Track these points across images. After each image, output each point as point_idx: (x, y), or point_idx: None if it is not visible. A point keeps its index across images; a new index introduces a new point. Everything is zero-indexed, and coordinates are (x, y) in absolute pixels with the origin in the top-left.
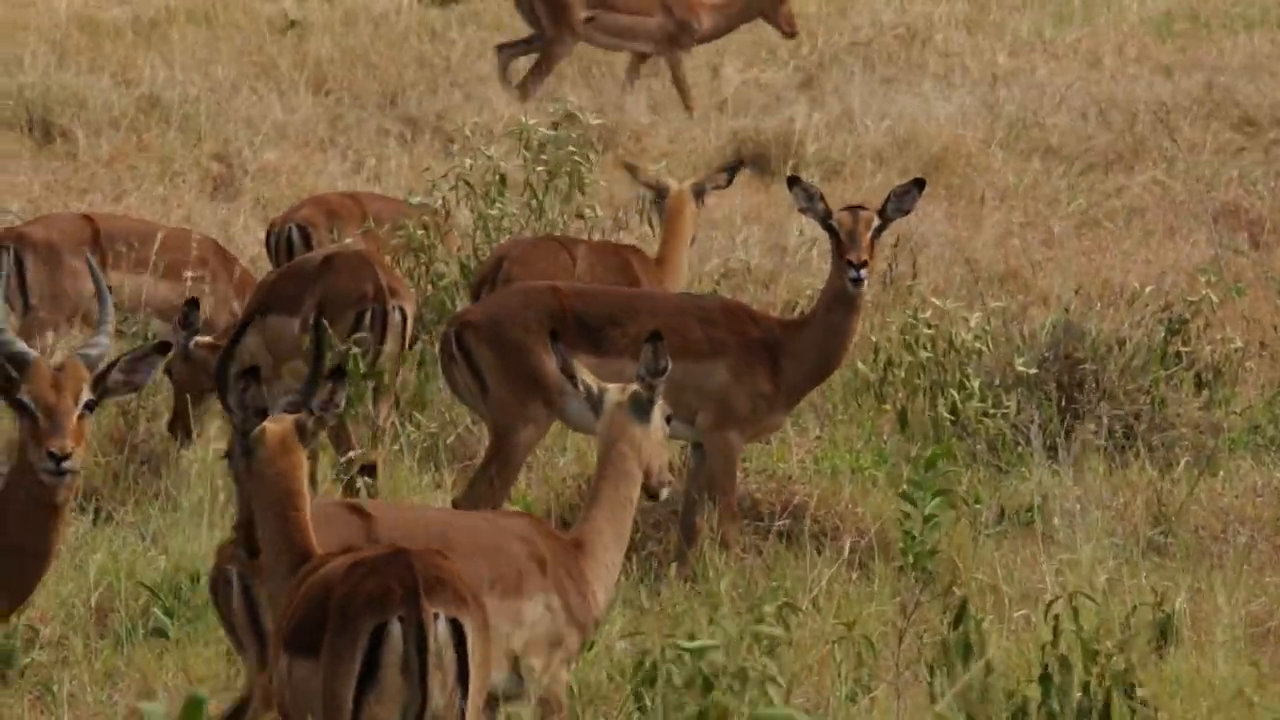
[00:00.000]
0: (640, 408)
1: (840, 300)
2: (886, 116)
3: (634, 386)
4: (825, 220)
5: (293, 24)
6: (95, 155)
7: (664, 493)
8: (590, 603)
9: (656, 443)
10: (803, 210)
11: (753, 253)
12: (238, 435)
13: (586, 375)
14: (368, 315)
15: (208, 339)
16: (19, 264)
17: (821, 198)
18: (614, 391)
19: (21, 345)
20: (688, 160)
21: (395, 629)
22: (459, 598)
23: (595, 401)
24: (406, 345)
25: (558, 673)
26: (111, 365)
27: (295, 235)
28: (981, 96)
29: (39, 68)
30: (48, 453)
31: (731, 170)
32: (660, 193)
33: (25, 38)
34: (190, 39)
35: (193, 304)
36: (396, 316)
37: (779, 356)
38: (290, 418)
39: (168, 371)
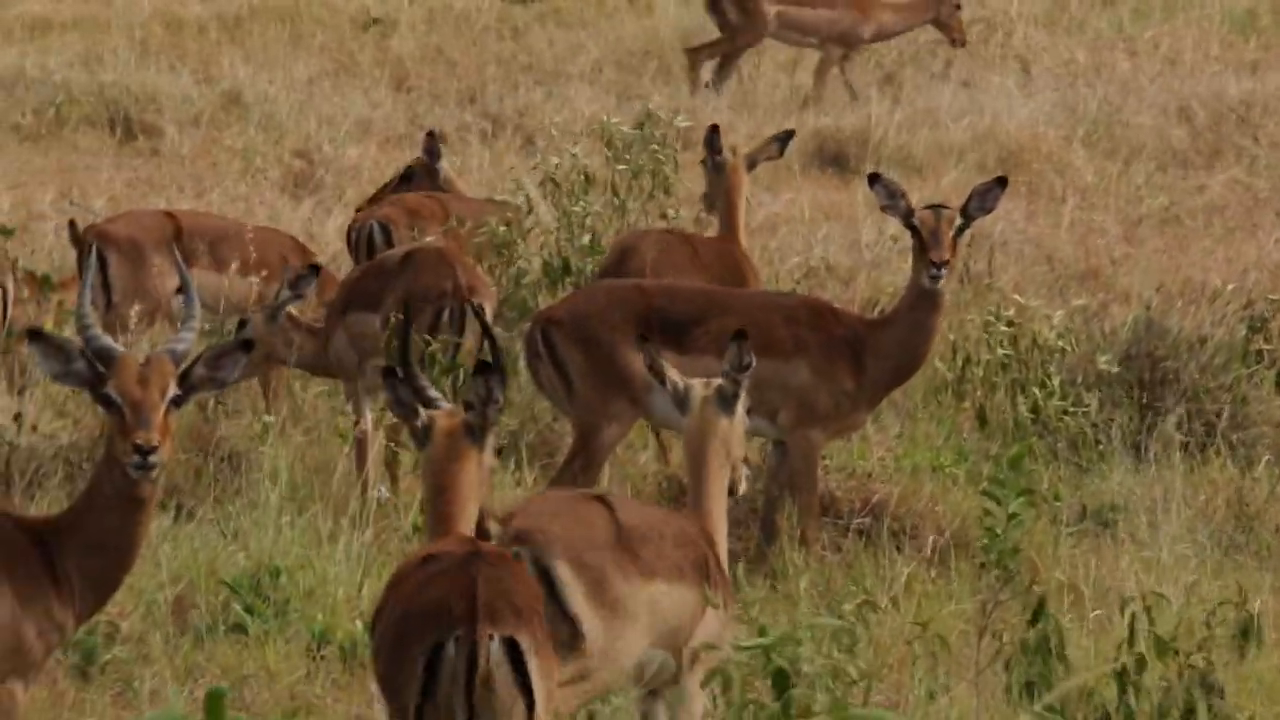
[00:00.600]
0: (726, 402)
1: (923, 299)
2: (966, 114)
3: (719, 381)
4: (908, 219)
5: (375, 21)
6: (177, 152)
7: (741, 488)
8: (728, 590)
9: (739, 437)
10: (884, 208)
11: (832, 250)
12: (409, 429)
13: (673, 373)
14: (446, 312)
15: (294, 313)
16: (102, 261)
17: (904, 195)
18: (699, 387)
19: (108, 340)
20: None
21: (450, 649)
22: (517, 615)
23: (681, 398)
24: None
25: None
26: (195, 361)
27: (376, 233)
28: (1061, 94)
29: (120, 65)
30: (133, 445)
31: (783, 140)
32: (716, 166)
33: (107, 35)
34: (272, 36)
35: (313, 269)
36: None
37: (862, 355)
38: (462, 413)
39: (244, 323)
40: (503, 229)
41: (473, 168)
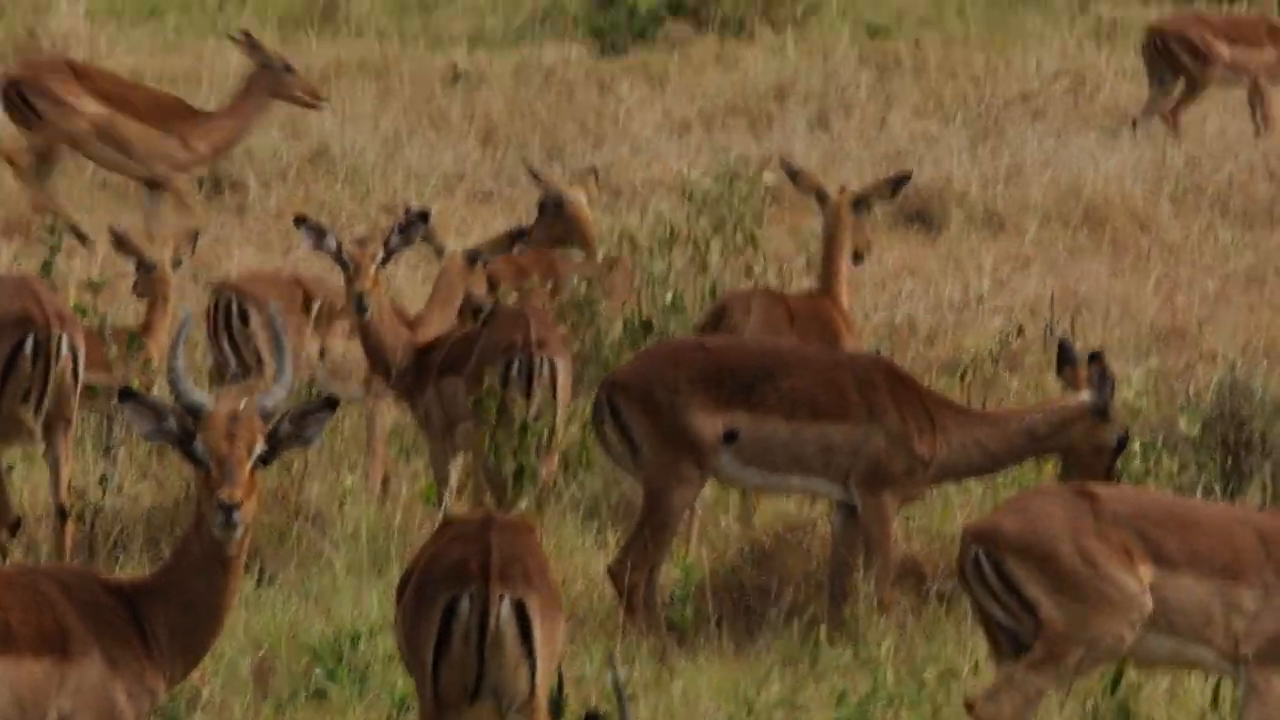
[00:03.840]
0: None
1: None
2: (1051, 168)
3: None
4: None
5: (459, 75)
6: (264, 208)
7: None
8: None
9: None
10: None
11: (917, 308)
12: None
13: None
14: (515, 365)
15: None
16: (243, 317)
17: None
18: None
19: (199, 395)
20: None
21: (464, 605)
22: (527, 579)
23: None
24: (558, 400)
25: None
26: (281, 418)
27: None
28: (1149, 149)
29: None
30: (218, 503)
31: (896, 183)
32: (820, 197)
33: (197, 90)
34: (360, 91)
35: (423, 216)
36: (546, 369)
37: (935, 428)
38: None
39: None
40: (582, 286)
41: None
